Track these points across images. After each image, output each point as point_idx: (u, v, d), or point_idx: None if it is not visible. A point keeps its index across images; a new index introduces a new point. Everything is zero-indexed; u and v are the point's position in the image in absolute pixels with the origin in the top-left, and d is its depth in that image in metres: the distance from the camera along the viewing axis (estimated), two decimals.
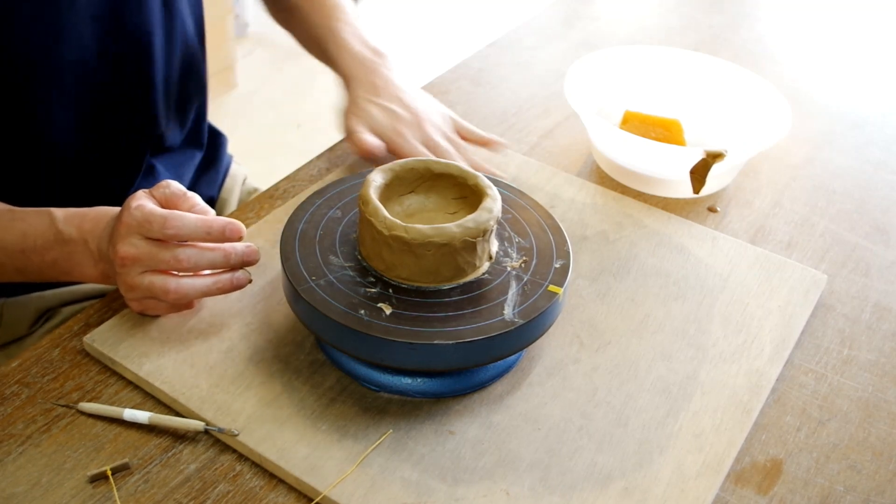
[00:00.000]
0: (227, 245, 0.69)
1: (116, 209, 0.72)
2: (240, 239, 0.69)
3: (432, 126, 0.90)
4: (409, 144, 0.87)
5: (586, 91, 0.97)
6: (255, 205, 0.88)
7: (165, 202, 0.70)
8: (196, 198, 0.71)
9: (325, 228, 0.71)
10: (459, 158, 0.88)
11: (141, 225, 0.67)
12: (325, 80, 0.95)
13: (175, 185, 0.71)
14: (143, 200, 0.69)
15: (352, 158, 0.95)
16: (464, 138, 0.93)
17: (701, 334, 0.76)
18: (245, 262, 0.70)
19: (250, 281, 0.71)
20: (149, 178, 0.96)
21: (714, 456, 0.66)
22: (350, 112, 0.91)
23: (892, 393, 0.74)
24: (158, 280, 0.68)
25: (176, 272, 0.69)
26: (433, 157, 0.84)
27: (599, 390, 0.70)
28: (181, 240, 0.68)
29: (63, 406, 0.67)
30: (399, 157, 0.87)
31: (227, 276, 0.70)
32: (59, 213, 0.74)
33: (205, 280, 0.69)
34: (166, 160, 1.00)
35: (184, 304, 0.71)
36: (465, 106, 1.07)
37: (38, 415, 0.66)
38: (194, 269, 0.69)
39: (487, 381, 0.70)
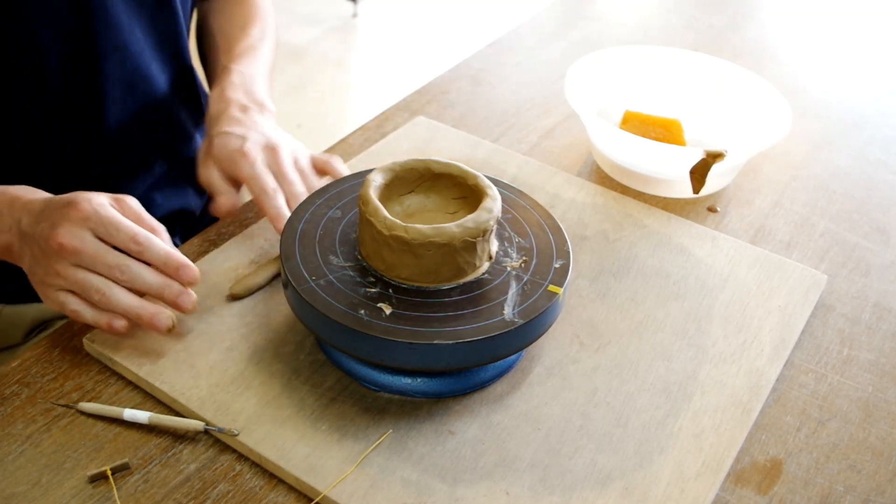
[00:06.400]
0: (168, 280, 0.68)
1: (32, 193, 0.71)
2: (189, 284, 0.68)
3: (287, 154, 0.81)
4: (251, 168, 0.78)
5: (586, 91, 0.97)
6: (255, 205, 0.88)
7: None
8: (153, 222, 0.70)
9: (325, 228, 0.71)
10: (303, 189, 0.80)
11: (101, 224, 0.66)
12: (324, 81, 0.95)
13: (135, 204, 0.70)
14: (105, 201, 0.68)
15: (351, 159, 0.95)
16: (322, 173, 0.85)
17: (701, 334, 0.76)
18: (176, 305, 0.68)
19: (171, 329, 0.68)
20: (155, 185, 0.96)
21: (714, 456, 0.66)
22: (203, 151, 0.83)
23: (892, 393, 0.74)
24: (93, 277, 0.66)
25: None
26: (270, 182, 0.77)
27: (599, 390, 0.70)
28: (139, 257, 0.67)
29: (63, 406, 0.67)
30: (240, 180, 0.79)
31: (152, 309, 0.68)
32: None
33: (132, 299, 0.67)
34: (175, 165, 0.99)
35: (98, 318, 0.68)
36: (464, 106, 1.07)
37: (38, 415, 0.66)
38: (127, 284, 0.67)
39: (487, 381, 0.70)
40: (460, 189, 0.72)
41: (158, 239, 0.68)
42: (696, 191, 0.90)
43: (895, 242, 0.91)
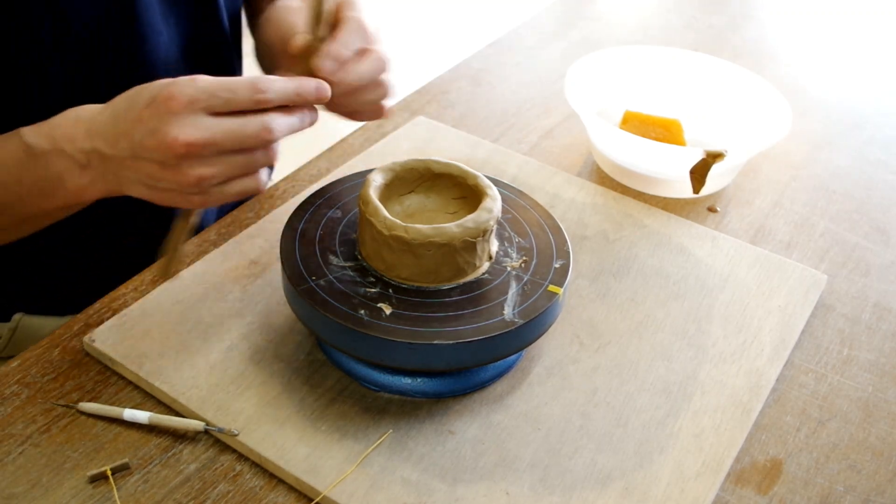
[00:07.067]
0: (298, 106, 0.64)
1: (88, 106, 0.66)
2: (323, 99, 0.65)
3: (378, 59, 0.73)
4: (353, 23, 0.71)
5: (586, 91, 0.97)
6: (255, 205, 0.88)
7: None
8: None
9: (325, 228, 0.71)
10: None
11: (214, 96, 0.59)
12: None
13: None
14: (189, 82, 0.60)
15: (352, 158, 0.95)
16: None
17: (701, 334, 0.76)
18: (319, 100, 0.65)
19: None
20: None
21: (714, 456, 0.66)
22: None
23: (892, 393, 0.74)
24: (236, 158, 0.61)
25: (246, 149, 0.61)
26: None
27: (599, 390, 0.70)
28: (272, 105, 0.61)
29: (63, 406, 0.67)
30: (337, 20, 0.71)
31: (304, 123, 0.64)
32: (26, 129, 0.68)
33: (291, 118, 0.63)
34: None
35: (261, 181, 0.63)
36: (464, 106, 1.07)
37: (38, 415, 0.66)
38: (285, 135, 0.63)
39: (487, 381, 0.70)
40: (460, 189, 0.72)
41: (270, 77, 0.62)
42: (696, 191, 0.90)
43: (895, 242, 0.91)
